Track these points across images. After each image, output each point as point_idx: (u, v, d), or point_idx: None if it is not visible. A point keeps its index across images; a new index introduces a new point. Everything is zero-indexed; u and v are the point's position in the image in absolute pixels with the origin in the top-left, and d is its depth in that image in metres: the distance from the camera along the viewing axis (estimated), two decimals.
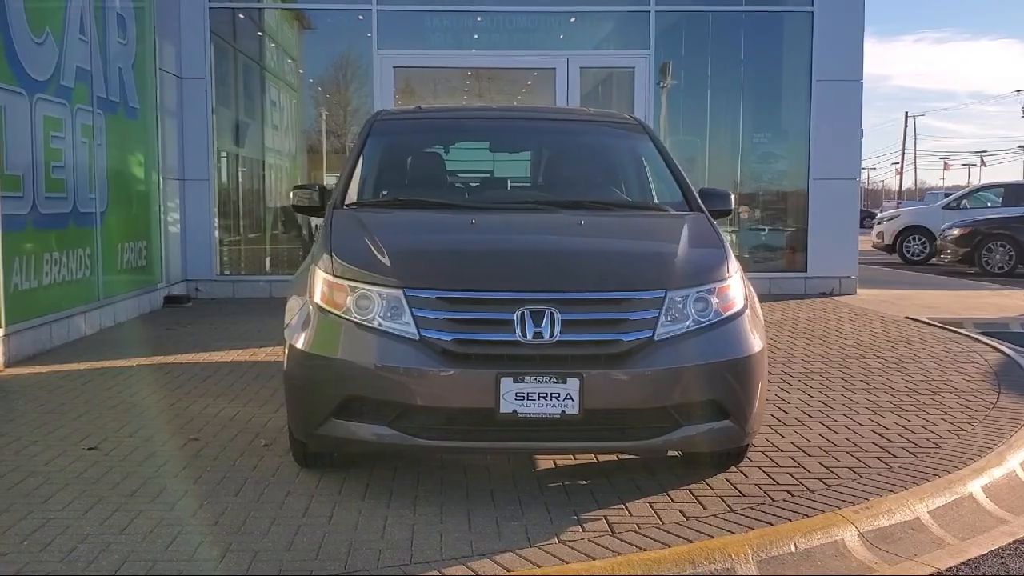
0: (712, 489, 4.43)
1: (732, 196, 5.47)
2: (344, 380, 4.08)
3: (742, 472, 4.69)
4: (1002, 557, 4.03)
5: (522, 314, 4.00)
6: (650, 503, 4.23)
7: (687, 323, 4.16)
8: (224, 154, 12.64)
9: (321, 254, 4.46)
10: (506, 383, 3.91)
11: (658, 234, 4.80)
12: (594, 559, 3.58)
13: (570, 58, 12.43)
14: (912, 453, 5.07)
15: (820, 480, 4.60)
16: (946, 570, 3.86)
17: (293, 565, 3.49)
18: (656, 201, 5.53)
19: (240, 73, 13.06)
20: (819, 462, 4.89)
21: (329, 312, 4.20)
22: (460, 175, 5.90)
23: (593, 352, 4.02)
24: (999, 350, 8.28)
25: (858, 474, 4.70)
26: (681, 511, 4.13)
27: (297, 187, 5.40)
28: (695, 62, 12.99)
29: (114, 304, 9.59)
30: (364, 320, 4.11)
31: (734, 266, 4.50)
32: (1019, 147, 79.68)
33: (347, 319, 4.14)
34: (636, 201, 5.46)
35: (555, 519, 4.00)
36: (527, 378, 3.92)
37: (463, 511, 4.10)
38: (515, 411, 3.92)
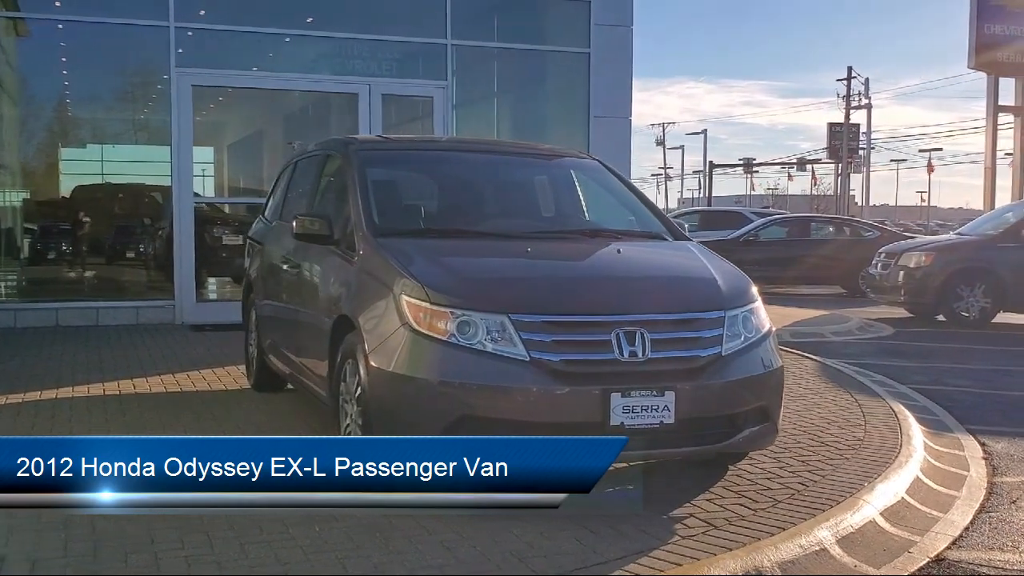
0: (740, 486, 5.02)
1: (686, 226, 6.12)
2: (457, 400, 4.29)
3: (744, 469, 5.30)
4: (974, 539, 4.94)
5: (618, 335, 4.41)
6: (709, 500, 4.76)
7: (740, 340, 4.75)
8: None
9: (397, 280, 4.60)
10: (615, 398, 4.31)
11: (689, 260, 5.30)
12: (730, 549, 4.07)
13: (372, 84, 12.65)
14: (840, 452, 5.82)
15: (811, 473, 5.31)
16: (949, 545, 4.68)
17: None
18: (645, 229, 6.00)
19: (11, 88, 12.08)
20: (791, 458, 5.60)
21: (430, 337, 4.38)
22: (467, 204, 6.04)
23: (679, 367, 4.51)
24: (809, 358, 9.53)
25: (834, 465, 5.45)
26: (742, 505, 4.70)
27: (301, 215, 5.42)
28: (487, 94, 13.69)
29: None
30: (469, 344, 4.33)
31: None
32: (652, 175, 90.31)
33: (451, 343, 4.34)
34: (641, 230, 5.88)
35: (651, 520, 4.40)
36: (632, 393, 4.34)
37: (565, 520, 4.34)
38: (623, 423, 4.32)
